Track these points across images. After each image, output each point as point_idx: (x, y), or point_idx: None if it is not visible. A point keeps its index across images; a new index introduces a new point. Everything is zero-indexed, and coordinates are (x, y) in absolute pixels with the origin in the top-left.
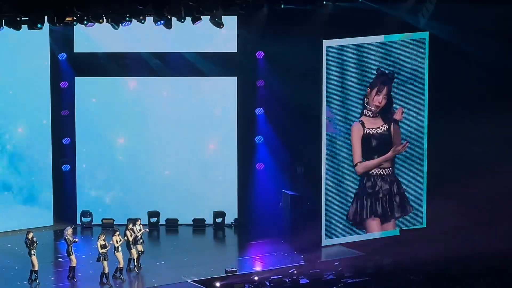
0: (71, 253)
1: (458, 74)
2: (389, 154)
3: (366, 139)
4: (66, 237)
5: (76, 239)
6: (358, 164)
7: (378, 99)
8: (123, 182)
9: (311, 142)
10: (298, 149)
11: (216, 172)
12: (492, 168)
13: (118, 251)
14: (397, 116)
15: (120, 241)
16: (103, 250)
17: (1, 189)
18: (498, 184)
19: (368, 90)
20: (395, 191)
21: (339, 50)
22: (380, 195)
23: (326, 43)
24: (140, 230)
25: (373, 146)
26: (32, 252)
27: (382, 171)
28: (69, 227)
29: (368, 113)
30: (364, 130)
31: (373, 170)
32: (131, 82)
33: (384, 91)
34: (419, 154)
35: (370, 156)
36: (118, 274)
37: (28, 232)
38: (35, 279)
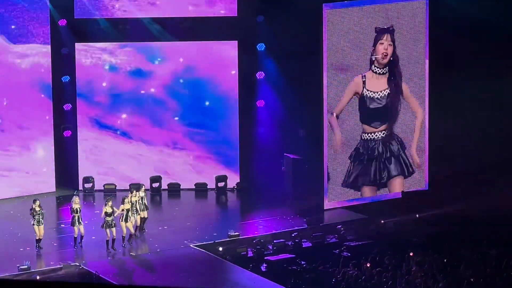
0: (75, 223)
1: (458, 35)
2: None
3: (362, 99)
4: (74, 207)
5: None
6: (332, 114)
7: (384, 47)
8: (125, 147)
9: (313, 105)
10: (300, 112)
11: (217, 136)
12: (494, 129)
13: (123, 220)
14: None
15: (128, 209)
16: (109, 218)
17: (3, 155)
18: (500, 145)
19: (373, 48)
20: (388, 153)
21: (339, 13)
22: (373, 159)
23: (326, 6)
24: (143, 197)
25: (371, 108)
26: (41, 221)
27: (375, 135)
28: (75, 196)
29: (376, 69)
30: (363, 90)
31: (365, 135)
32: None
33: (387, 38)
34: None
35: (367, 120)
36: (121, 242)
37: (35, 200)
38: (37, 246)
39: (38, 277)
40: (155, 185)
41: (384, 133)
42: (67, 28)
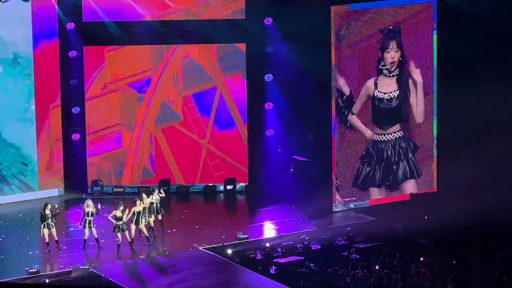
0: (86, 225)
1: (466, 37)
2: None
3: (374, 101)
4: (87, 210)
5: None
6: (352, 114)
7: (391, 55)
8: (132, 149)
9: (321, 108)
10: (308, 115)
11: (226, 138)
12: (504, 131)
13: (133, 222)
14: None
15: (140, 212)
16: (119, 222)
17: (13, 159)
18: (509, 146)
19: (380, 53)
20: (397, 157)
21: (347, 15)
22: (382, 161)
23: (334, 8)
24: (157, 199)
25: (381, 110)
26: (51, 224)
27: (385, 137)
28: (88, 199)
29: (386, 72)
30: (374, 91)
31: (377, 136)
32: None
33: (393, 45)
34: (429, 116)
35: (378, 122)
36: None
37: (47, 204)
38: (48, 250)
39: (47, 281)
40: (164, 188)
41: (394, 135)
42: (75, 31)
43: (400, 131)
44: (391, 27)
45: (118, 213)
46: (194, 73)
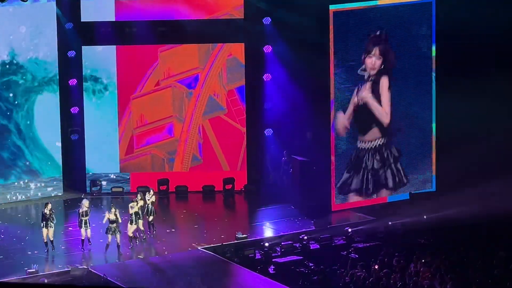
0: (82, 225)
1: (465, 36)
2: None
3: (354, 106)
4: (81, 210)
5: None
6: (342, 111)
7: (371, 61)
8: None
9: (320, 107)
10: (307, 114)
11: (225, 138)
12: (502, 131)
13: (129, 222)
14: None
15: (137, 212)
16: (112, 225)
17: (11, 159)
18: (509, 147)
19: (363, 56)
20: (377, 165)
21: (346, 15)
22: (360, 170)
23: (332, 8)
24: (150, 199)
25: (359, 116)
26: (50, 224)
27: (365, 144)
28: (85, 199)
29: (366, 77)
30: (355, 98)
31: (360, 144)
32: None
33: (376, 52)
34: (428, 117)
35: (359, 129)
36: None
37: (47, 204)
38: (47, 250)
39: (46, 280)
40: (163, 187)
41: (374, 143)
42: (73, 31)
43: (381, 138)
44: (378, 32)
45: (111, 216)
46: (236, 69)
